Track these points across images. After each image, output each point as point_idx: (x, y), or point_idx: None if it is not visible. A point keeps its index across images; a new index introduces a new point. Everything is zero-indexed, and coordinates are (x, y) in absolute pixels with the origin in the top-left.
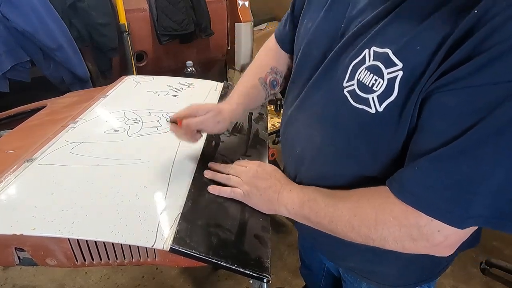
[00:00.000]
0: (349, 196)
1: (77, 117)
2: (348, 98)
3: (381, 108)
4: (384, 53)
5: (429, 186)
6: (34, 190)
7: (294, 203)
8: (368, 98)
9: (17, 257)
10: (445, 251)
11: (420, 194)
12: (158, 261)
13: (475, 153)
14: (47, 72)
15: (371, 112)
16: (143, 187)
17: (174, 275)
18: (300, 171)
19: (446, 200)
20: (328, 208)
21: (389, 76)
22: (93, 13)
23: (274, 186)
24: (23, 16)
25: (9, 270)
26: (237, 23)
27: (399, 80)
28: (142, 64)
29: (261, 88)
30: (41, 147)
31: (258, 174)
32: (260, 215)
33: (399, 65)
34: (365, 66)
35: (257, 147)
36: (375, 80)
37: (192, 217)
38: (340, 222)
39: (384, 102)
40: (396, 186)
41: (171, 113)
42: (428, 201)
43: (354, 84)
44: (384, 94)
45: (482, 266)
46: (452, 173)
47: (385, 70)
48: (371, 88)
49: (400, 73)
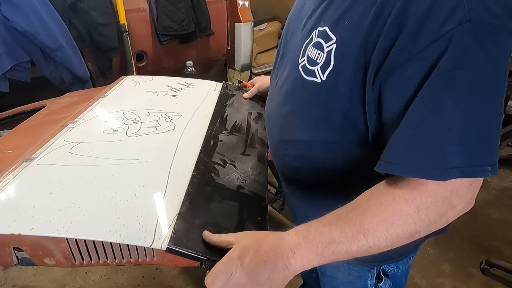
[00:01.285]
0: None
1: (76, 117)
2: (301, 72)
3: (324, 77)
4: (324, 30)
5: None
6: (33, 190)
7: (311, 260)
8: (314, 70)
9: (16, 257)
10: (471, 205)
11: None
12: (156, 261)
13: (434, 105)
14: (47, 72)
15: (317, 82)
16: (141, 186)
17: (174, 275)
18: (273, 145)
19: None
20: (355, 240)
21: (327, 49)
22: (93, 13)
23: (273, 266)
24: (23, 16)
25: (9, 270)
26: (237, 23)
27: (334, 52)
28: (142, 64)
29: None
30: (40, 147)
31: (244, 274)
32: (258, 215)
33: (333, 39)
34: (312, 44)
35: (256, 146)
36: (318, 54)
37: (189, 216)
38: (380, 241)
39: (325, 72)
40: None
41: (170, 113)
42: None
43: (304, 60)
44: (324, 65)
45: (482, 266)
46: (421, 130)
47: (324, 44)
48: (316, 61)
49: (334, 46)
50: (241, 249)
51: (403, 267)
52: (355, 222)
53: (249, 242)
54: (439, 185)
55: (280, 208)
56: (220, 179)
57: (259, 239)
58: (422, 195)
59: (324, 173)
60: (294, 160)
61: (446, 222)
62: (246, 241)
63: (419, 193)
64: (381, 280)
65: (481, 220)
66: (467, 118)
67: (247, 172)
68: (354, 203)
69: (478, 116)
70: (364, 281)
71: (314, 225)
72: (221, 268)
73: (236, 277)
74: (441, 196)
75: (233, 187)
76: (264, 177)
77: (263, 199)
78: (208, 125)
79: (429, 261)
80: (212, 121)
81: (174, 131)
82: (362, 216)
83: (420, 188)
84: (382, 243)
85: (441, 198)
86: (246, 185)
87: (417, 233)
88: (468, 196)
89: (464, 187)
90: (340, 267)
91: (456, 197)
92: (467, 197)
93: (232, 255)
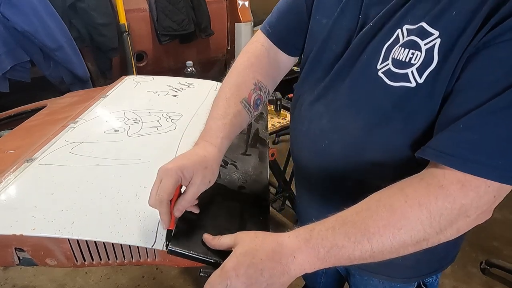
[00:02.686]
0: (372, 212)
1: (77, 117)
2: (383, 79)
3: (422, 80)
4: (419, 26)
5: (483, 146)
6: (34, 190)
7: (312, 264)
8: (407, 73)
9: (17, 257)
10: (489, 215)
11: (478, 159)
12: (158, 261)
13: None
14: (47, 72)
15: (411, 87)
16: (143, 187)
17: (174, 275)
18: (330, 164)
19: (503, 157)
20: (358, 245)
21: (427, 47)
22: (93, 13)
23: (271, 273)
24: (23, 16)
25: (9, 270)
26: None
27: (438, 47)
28: (142, 64)
29: (245, 113)
30: (41, 147)
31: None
32: (260, 215)
33: (435, 34)
34: (399, 44)
35: (257, 146)
36: (412, 54)
37: (190, 217)
38: (384, 247)
39: (424, 72)
40: (445, 157)
41: (171, 113)
42: (488, 164)
43: (388, 64)
44: (423, 65)
45: (482, 266)
46: (506, 125)
47: (421, 42)
48: (409, 62)
49: (438, 41)
50: (236, 258)
51: (439, 275)
52: (361, 226)
53: (245, 249)
54: (461, 191)
55: (280, 208)
56: (221, 180)
57: (256, 245)
58: (438, 199)
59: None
60: (350, 181)
61: (457, 232)
62: (242, 248)
63: (435, 197)
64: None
65: None
66: None
67: (248, 172)
68: (362, 205)
69: None
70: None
71: (316, 228)
72: (216, 280)
73: (232, 287)
74: (460, 203)
75: (234, 188)
76: (265, 176)
77: (265, 198)
78: None
79: None
80: None
81: (175, 131)
82: (368, 219)
83: (439, 192)
84: (387, 249)
85: (459, 205)
86: (247, 185)
87: (425, 241)
88: (486, 206)
89: (487, 198)
90: (379, 285)
91: (475, 207)
92: (485, 207)
93: (226, 266)
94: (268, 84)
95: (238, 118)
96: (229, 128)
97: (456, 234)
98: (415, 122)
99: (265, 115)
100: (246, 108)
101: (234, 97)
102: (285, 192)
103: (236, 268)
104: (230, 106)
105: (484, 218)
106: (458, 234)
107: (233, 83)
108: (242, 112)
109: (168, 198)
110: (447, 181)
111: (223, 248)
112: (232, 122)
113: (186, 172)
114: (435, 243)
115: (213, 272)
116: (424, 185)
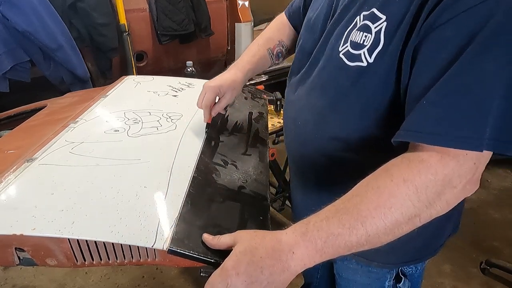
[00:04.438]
0: (362, 196)
1: (77, 117)
2: (343, 60)
3: (372, 59)
4: (371, 12)
5: (447, 118)
6: (34, 190)
7: (311, 257)
8: (360, 54)
9: (17, 257)
10: (476, 187)
11: (446, 131)
12: (158, 261)
13: (477, 71)
14: (47, 72)
15: (363, 66)
16: (143, 187)
17: (174, 275)
18: (305, 143)
19: (468, 126)
20: (353, 231)
21: (376, 29)
22: (93, 13)
23: (271, 270)
24: (23, 16)
25: (9, 270)
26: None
27: (384, 30)
28: (142, 64)
29: (268, 58)
30: (41, 147)
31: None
32: (260, 215)
33: (382, 18)
34: (357, 28)
35: (257, 146)
36: (365, 36)
37: (191, 217)
38: (378, 229)
39: (373, 53)
40: (417, 135)
41: (171, 113)
42: (456, 135)
43: (347, 46)
44: (372, 46)
45: (482, 266)
46: (463, 94)
47: (372, 25)
48: (362, 44)
49: (384, 24)
50: (235, 257)
51: (421, 267)
52: (353, 212)
53: (244, 248)
54: (440, 162)
55: (280, 208)
56: (221, 180)
57: (256, 243)
58: (421, 173)
59: (349, 171)
60: (327, 160)
61: (446, 204)
62: (242, 247)
63: (418, 171)
64: (400, 280)
65: (481, 220)
66: (509, 89)
67: (248, 172)
68: (352, 192)
69: None
70: (383, 282)
71: (312, 220)
72: (217, 279)
73: (232, 287)
74: (442, 174)
75: (234, 188)
76: (266, 176)
77: (265, 198)
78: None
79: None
80: (213, 121)
81: (175, 131)
82: (359, 204)
83: (420, 166)
84: (381, 230)
85: (442, 176)
86: (248, 185)
87: (417, 217)
88: (469, 175)
89: (467, 166)
90: (359, 269)
91: (457, 176)
92: (468, 176)
93: (226, 265)
94: (288, 44)
95: (263, 60)
96: (255, 64)
97: (446, 207)
98: (369, 98)
99: (265, 115)
100: (270, 55)
101: (263, 46)
102: (285, 192)
103: (236, 266)
104: (259, 50)
105: (471, 189)
106: (448, 207)
107: (265, 37)
108: (267, 57)
109: (210, 105)
110: (426, 155)
111: (223, 248)
112: (258, 61)
113: (221, 90)
114: (428, 219)
115: (214, 272)
116: (406, 163)
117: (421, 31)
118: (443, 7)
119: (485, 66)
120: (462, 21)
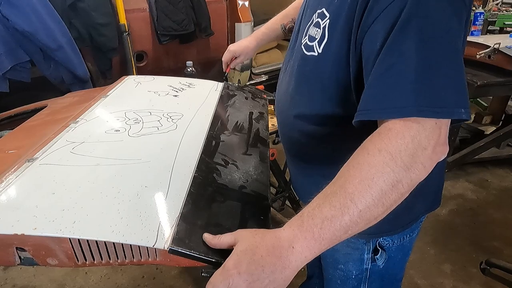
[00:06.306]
0: (346, 176)
1: (78, 117)
2: (303, 50)
3: (320, 50)
4: (322, 11)
5: (379, 94)
6: (35, 190)
7: (311, 248)
8: (313, 45)
9: (18, 257)
10: (446, 148)
11: (393, 104)
12: (159, 260)
13: (398, 50)
14: (47, 72)
15: (315, 55)
16: (144, 187)
17: (174, 275)
18: (284, 123)
19: (396, 96)
20: (345, 209)
21: (323, 25)
22: (93, 13)
23: (272, 269)
24: (23, 16)
25: (9, 270)
26: (237, 23)
27: (327, 27)
28: (142, 64)
29: (281, 32)
30: (42, 147)
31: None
32: (260, 214)
33: (327, 16)
34: (313, 24)
35: (258, 146)
36: (316, 31)
37: (192, 217)
38: (367, 201)
39: (321, 45)
40: (370, 112)
41: (172, 113)
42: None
43: (306, 39)
44: (320, 39)
45: (482, 266)
46: (387, 74)
47: (321, 22)
48: (314, 37)
49: (328, 21)
50: (236, 256)
51: (398, 241)
52: (340, 192)
53: (245, 247)
54: (405, 126)
55: (280, 208)
56: (222, 180)
57: (256, 241)
58: (391, 140)
59: (327, 148)
60: (299, 135)
61: (423, 167)
62: (243, 246)
63: (388, 139)
64: (377, 252)
65: (481, 220)
66: (428, 61)
67: (249, 172)
68: (336, 176)
69: (439, 61)
70: (362, 253)
71: (305, 211)
72: (218, 279)
73: (234, 286)
74: (409, 135)
75: (235, 187)
76: (266, 176)
77: (265, 198)
78: (209, 125)
79: (429, 261)
80: (213, 121)
81: (176, 131)
82: (344, 183)
83: (389, 134)
84: (370, 203)
85: (410, 137)
86: (248, 184)
87: (399, 183)
88: (435, 135)
89: (429, 126)
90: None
91: (424, 137)
92: (435, 136)
93: (227, 264)
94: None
95: (276, 32)
96: (268, 35)
97: (424, 171)
98: (325, 81)
99: (265, 115)
100: (282, 30)
101: (279, 21)
102: (285, 192)
103: (238, 266)
104: (275, 23)
105: (442, 151)
106: (425, 170)
107: (283, 13)
108: (279, 30)
109: (227, 61)
110: (391, 124)
111: (224, 247)
112: (270, 33)
113: (237, 53)
114: (411, 185)
115: (215, 272)
116: (376, 135)
117: (360, 29)
118: (371, 7)
119: (402, 46)
120: (385, 16)
